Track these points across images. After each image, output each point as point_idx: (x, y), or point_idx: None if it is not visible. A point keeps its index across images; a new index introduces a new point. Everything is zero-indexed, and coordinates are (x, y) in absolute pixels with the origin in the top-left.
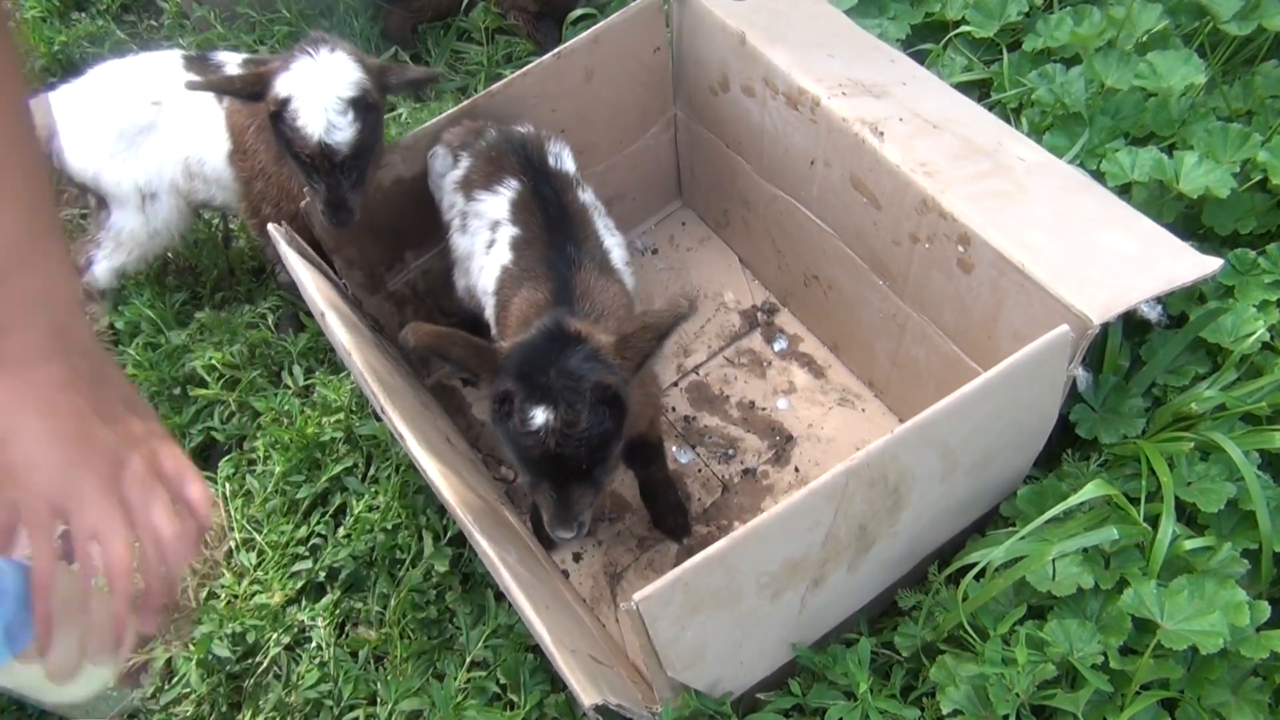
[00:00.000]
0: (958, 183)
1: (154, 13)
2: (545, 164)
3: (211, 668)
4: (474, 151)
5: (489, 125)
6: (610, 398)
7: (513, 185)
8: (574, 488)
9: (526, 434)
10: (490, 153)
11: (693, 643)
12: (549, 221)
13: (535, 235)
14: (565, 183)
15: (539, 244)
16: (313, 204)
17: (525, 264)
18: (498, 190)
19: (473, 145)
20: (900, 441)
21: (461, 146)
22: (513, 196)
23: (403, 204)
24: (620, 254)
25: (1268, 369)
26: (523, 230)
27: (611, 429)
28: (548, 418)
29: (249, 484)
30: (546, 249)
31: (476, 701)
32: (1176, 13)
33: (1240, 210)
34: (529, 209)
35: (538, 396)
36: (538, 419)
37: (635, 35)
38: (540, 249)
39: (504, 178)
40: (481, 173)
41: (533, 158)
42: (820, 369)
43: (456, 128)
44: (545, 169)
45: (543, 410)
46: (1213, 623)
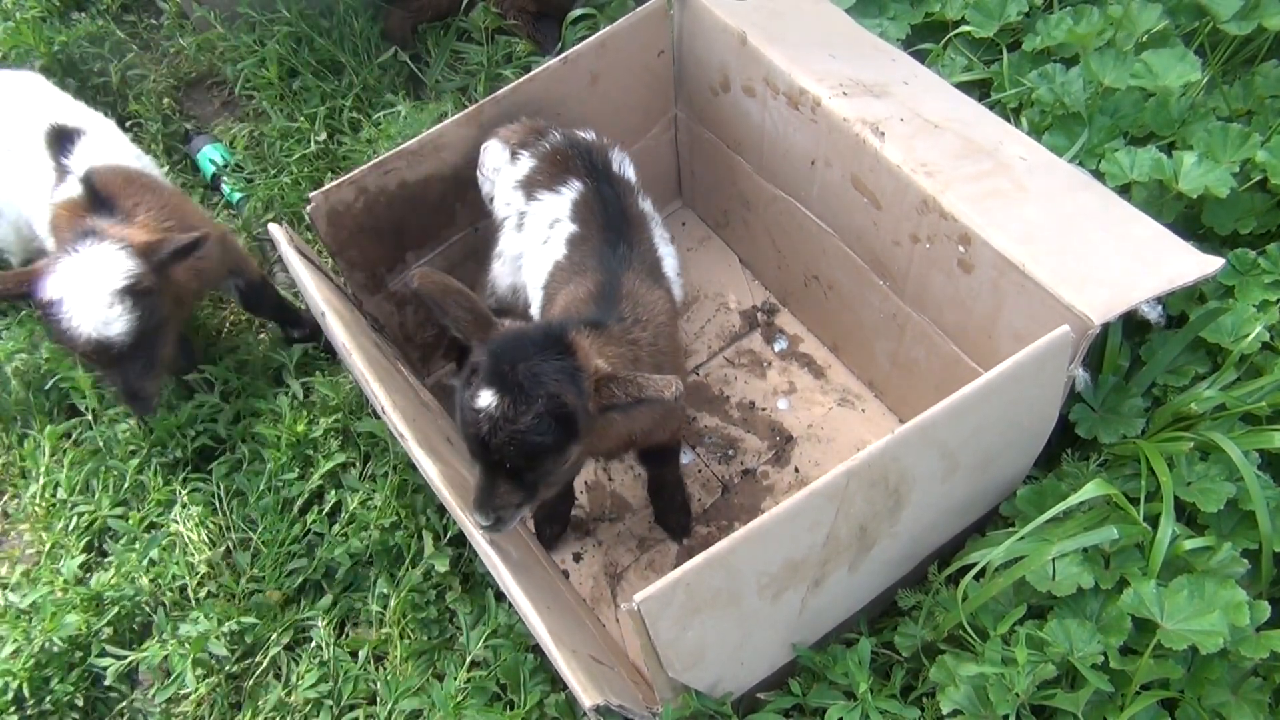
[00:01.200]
0: (958, 183)
1: (154, 13)
2: (609, 168)
3: (210, 667)
4: (537, 152)
5: (551, 127)
6: (561, 415)
7: (576, 186)
8: (500, 480)
9: (469, 409)
10: (555, 155)
11: (693, 643)
12: (608, 222)
13: (592, 233)
14: (627, 188)
15: (594, 241)
16: None
17: (578, 259)
18: (560, 190)
19: (535, 145)
20: (901, 442)
21: (522, 145)
22: (575, 197)
23: (405, 206)
24: (673, 264)
25: (1268, 369)
26: (581, 228)
27: (551, 444)
28: (491, 403)
29: (239, 483)
30: (601, 245)
31: (476, 701)
32: (1176, 13)
33: (1240, 210)
34: (590, 209)
35: (494, 381)
36: (482, 400)
37: (641, 39)
38: (595, 245)
39: (568, 178)
40: (545, 173)
41: (597, 162)
42: (820, 369)
43: (515, 125)
44: (609, 173)
45: (491, 394)
46: (1213, 623)
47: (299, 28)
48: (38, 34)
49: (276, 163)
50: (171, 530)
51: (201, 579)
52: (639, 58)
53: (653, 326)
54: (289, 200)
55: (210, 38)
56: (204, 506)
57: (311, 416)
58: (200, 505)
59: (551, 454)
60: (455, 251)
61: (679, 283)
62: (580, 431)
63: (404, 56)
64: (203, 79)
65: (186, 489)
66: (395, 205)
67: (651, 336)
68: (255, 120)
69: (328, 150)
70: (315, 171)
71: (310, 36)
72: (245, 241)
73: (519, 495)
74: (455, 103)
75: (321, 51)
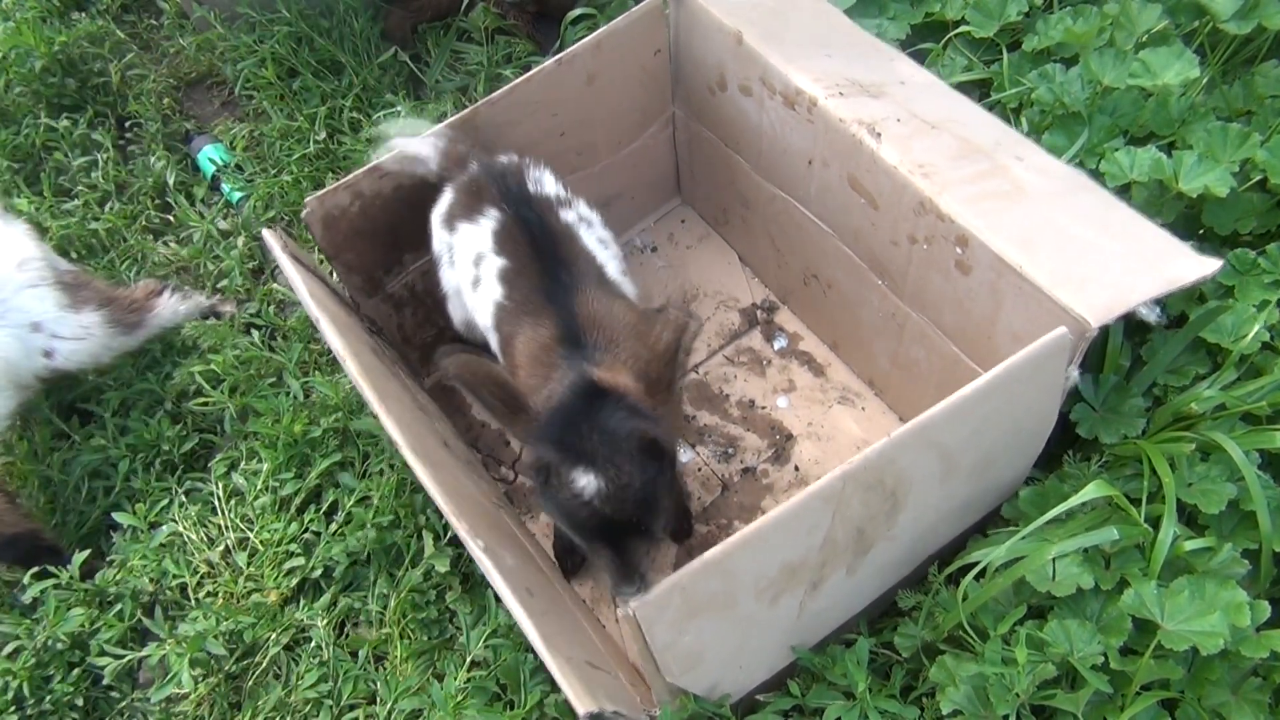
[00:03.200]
0: (955, 184)
1: (154, 13)
2: (525, 190)
3: (210, 667)
4: (456, 185)
5: (472, 155)
6: (653, 448)
7: (494, 215)
8: (633, 544)
9: (576, 502)
10: (471, 185)
11: (691, 647)
12: (536, 248)
13: (524, 264)
14: (547, 206)
15: (530, 273)
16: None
17: (520, 296)
18: (479, 220)
19: (455, 178)
20: (898, 445)
21: (443, 178)
22: (495, 227)
23: (401, 208)
24: (616, 264)
25: (1268, 369)
26: (510, 260)
27: (660, 479)
28: (596, 483)
29: (237, 482)
30: (540, 278)
31: (476, 701)
32: (1176, 12)
33: (1240, 210)
34: (513, 238)
35: (582, 462)
36: (586, 486)
37: (637, 39)
38: (533, 278)
39: (485, 207)
40: (462, 205)
41: (511, 185)
42: (820, 367)
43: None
44: (525, 195)
45: (589, 476)
46: (1213, 623)
47: (299, 28)
48: (38, 34)
49: (276, 163)
50: (171, 529)
51: (201, 579)
52: (635, 57)
53: (623, 342)
54: (289, 200)
55: (210, 38)
56: (202, 505)
57: (311, 416)
58: (199, 505)
59: (665, 487)
60: None
61: (627, 280)
62: (669, 448)
63: (404, 56)
64: (203, 79)
65: (184, 488)
66: (391, 208)
67: (629, 351)
68: (255, 120)
69: (328, 150)
70: (315, 171)
71: (310, 36)
72: (245, 242)
73: (647, 545)
74: (455, 103)
75: (321, 51)
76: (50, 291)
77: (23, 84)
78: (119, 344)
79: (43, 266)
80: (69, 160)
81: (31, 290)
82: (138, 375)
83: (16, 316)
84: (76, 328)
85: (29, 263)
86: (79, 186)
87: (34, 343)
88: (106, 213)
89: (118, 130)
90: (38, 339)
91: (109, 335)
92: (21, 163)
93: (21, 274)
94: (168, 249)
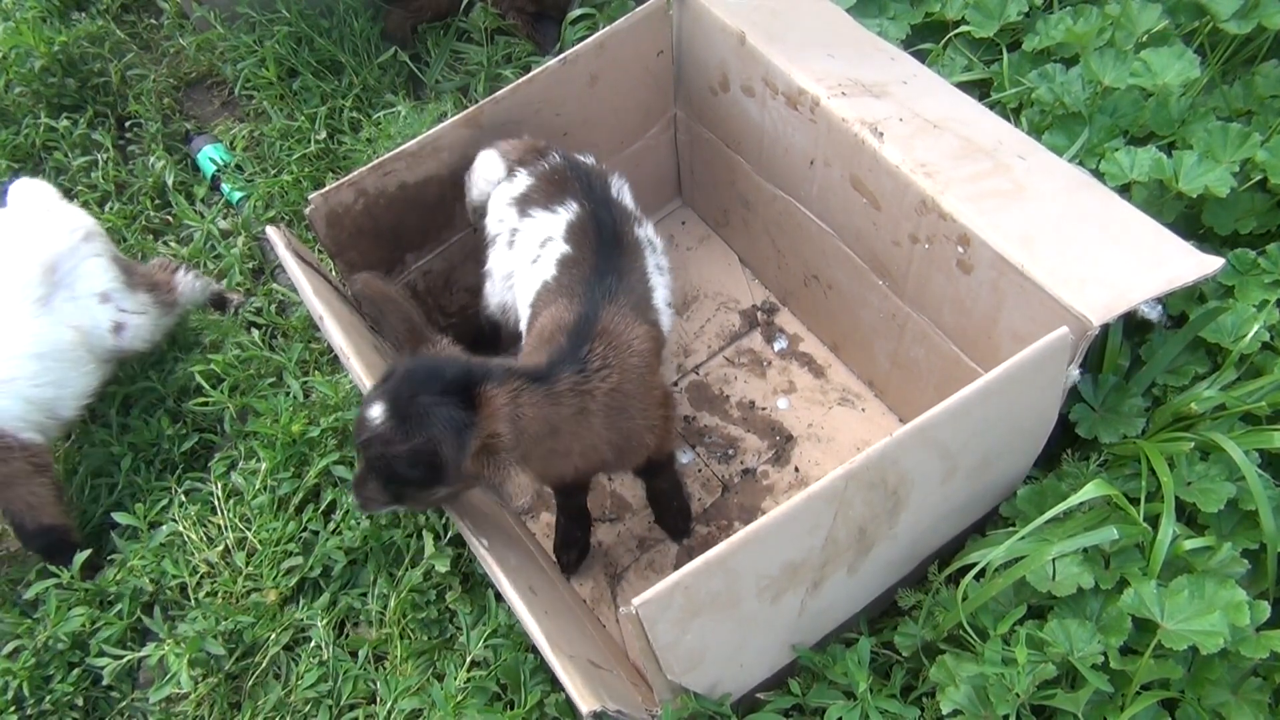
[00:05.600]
0: (957, 183)
1: (154, 13)
2: (608, 193)
3: (209, 667)
4: (535, 171)
5: (552, 148)
6: (431, 461)
7: (573, 207)
8: (373, 477)
9: (362, 412)
10: (553, 174)
11: (692, 646)
12: (601, 248)
13: (584, 257)
14: (624, 215)
15: (585, 266)
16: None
17: (566, 281)
18: (556, 210)
19: (533, 164)
20: (899, 445)
21: (520, 162)
22: (571, 218)
23: (404, 208)
24: (664, 294)
25: (1267, 369)
26: (574, 250)
27: (414, 479)
28: (377, 417)
29: (236, 482)
30: (590, 272)
31: (476, 701)
32: (1176, 12)
33: (1240, 210)
34: (585, 232)
35: (389, 399)
36: (371, 411)
37: (640, 40)
38: (584, 271)
39: (565, 199)
40: (542, 191)
41: (595, 185)
42: (820, 368)
43: (516, 141)
44: (608, 198)
45: (381, 410)
46: (1213, 623)
47: (299, 28)
48: (38, 34)
49: (277, 162)
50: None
51: (201, 578)
52: (638, 58)
53: (621, 371)
54: (289, 199)
55: (210, 38)
56: (202, 505)
57: (310, 416)
58: (198, 504)
59: (414, 486)
60: (454, 252)
61: (669, 313)
62: (447, 479)
63: (404, 56)
64: (203, 79)
65: (183, 487)
66: (394, 207)
67: (616, 382)
68: (255, 120)
69: (328, 150)
70: (315, 171)
71: (310, 36)
72: (245, 242)
73: (387, 496)
74: (455, 103)
75: (321, 51)
76: (113, 266)
77: (23, 84)
78: (165, 323)
79: (105, 240)
80: (69, 160)
81: (98, 260)
82: (139, 372)
83: (86, 285)
84: (137, 303)
85: (93, 235)
86: (79, 186)
87: (104, 314)
88: (106, 213)
89: (118, 130)
90: (107, 310)
91: (159, 313)
92: (21, 163)
93: (88, 245)
94: (168, 249)
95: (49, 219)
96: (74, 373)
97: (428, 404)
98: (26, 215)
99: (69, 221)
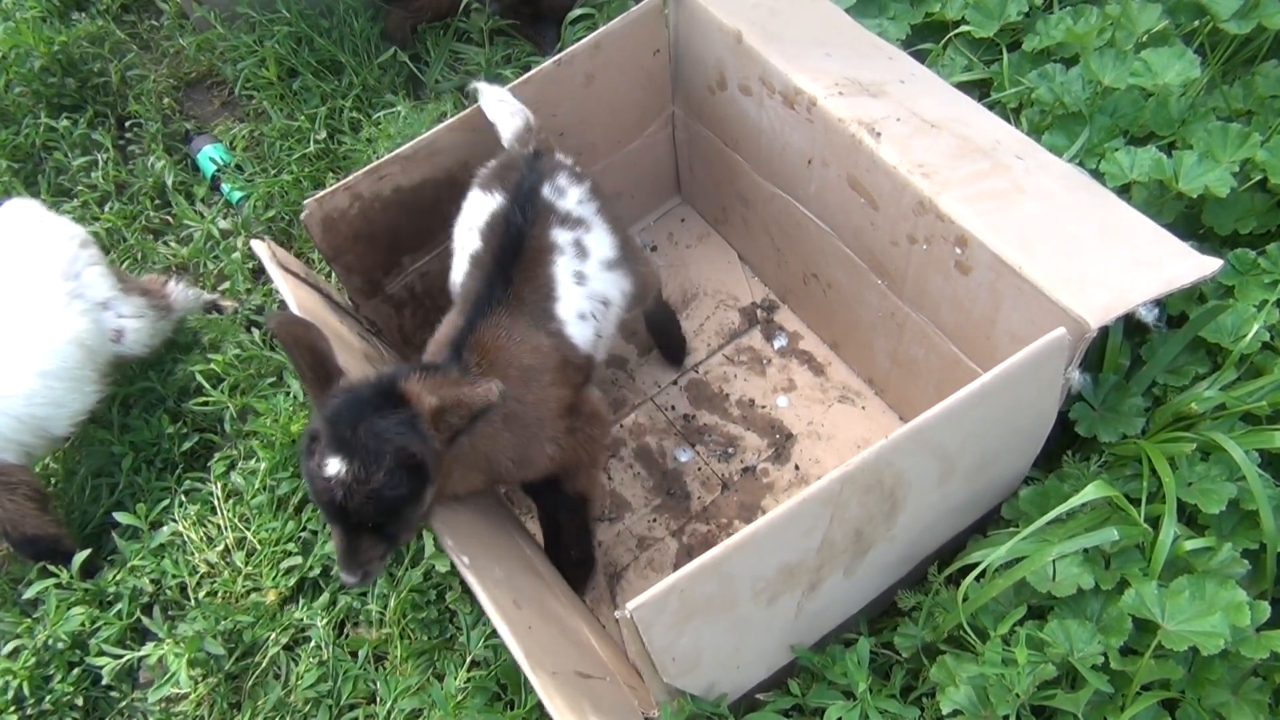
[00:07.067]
0: (955, 184)
1: (154, 13)
2: (537, 191)
3: (209, 667)
4: (502, 156)
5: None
6: (411, 464)
7: (498, 199)
8: (362, 539)
9: (319, 479)
10: (508, 161)
11: (688, 648)
12: (502, 252)
13: (485, 259)
14: (544, 215)
15: (482, 270)
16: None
17: (467, 284)
18: (489, 194)
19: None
20: (896, 447)
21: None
22: (493, 208)
23: (400, 211)
24: (577, 305)
25: (1267, 369)
26: (482, 248)
27: (408, 495)
28: (340, 470)
29: (236, 482)
30: (481, 282)
31: (476, 701)
32: (1176, 12)
33: (1240, 210)
34: (495, 230)
35: (338, 447)
36: (330, 469)
37: (636, 39)
38: (480, 276)
39: (498, 187)
40: (492, 174)
41: (529, 180)
42: (820, 366)
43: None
44: (533, 195)
45: (338, 461)
46: (1213, 623)
47: (299, 28)
48: (38, 34)
49: (276, 162)
50: (171, 529)
51: (200, 578)
52: (634, 58)
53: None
54: (289, 200)
55: (210, 38)
56: (201, 505)
57: (303, 416)
58: (198, 504)
59: (409, 503)
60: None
61: (585, 325)
62: (432, 474)
63: (404, 56)
64: (203, 79)
65: (183, 487)
66: (390, 210)
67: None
68: (255, 120)
69: (328, 150)
70: (315, 171)
71: (310, 36)
72: (245, 242)
73: (381, 548)
74: (454, 103)
75: (321, 51)
76: (108, 271)
77: (23, 84)
78: (162, 327)
79: (97, 248)
80: (69, 160)
81: (96, 268)
82: (139, 372)
83: (91, 294)
84: (134, 307)
85: (88, 243)
86: (79, 186)
87: (106, 323)
88: (106, 213)
89: (118, 130)
90: (108, 318)
91: (156, 316)
92: (21, 163)
93: (85, 251)
94: (168, 248)
95: (47, 231)
96: (73, 394)
97: (371, 424)
98: (25, 230)
99: (65, 231)
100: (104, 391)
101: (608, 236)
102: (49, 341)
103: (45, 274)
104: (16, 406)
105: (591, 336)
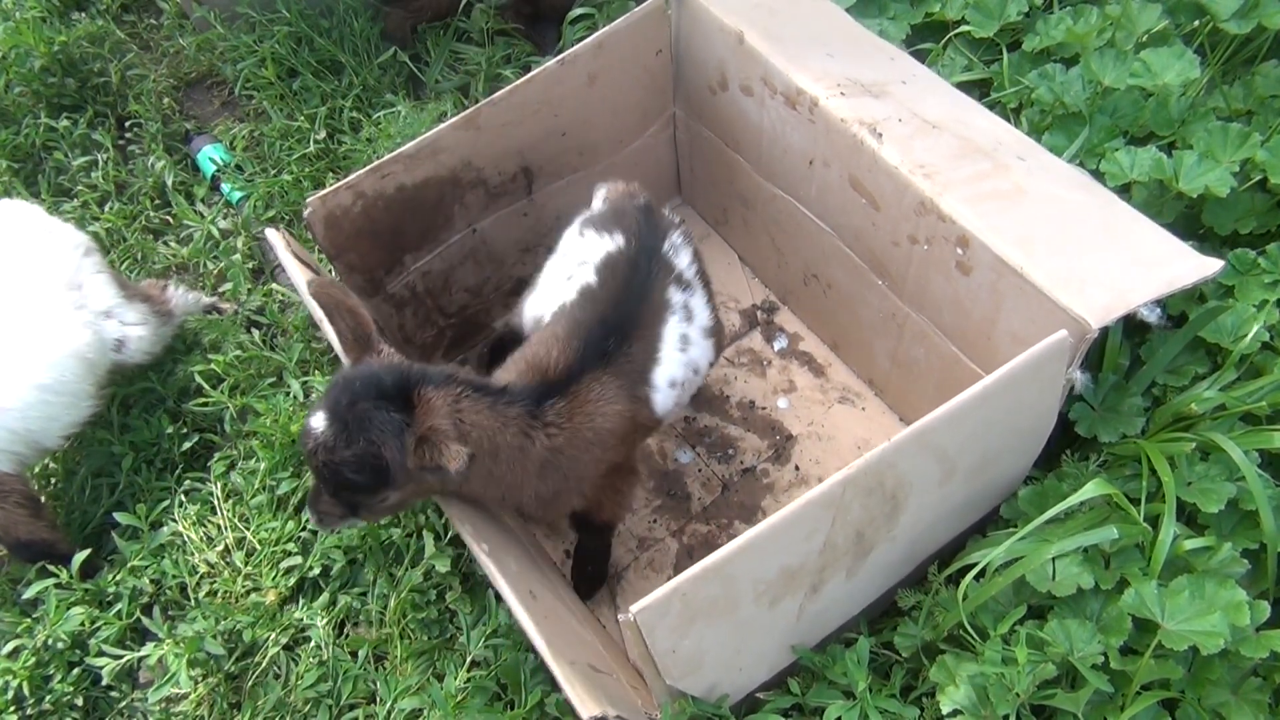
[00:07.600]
0: (956, 184)
1: (154, 13)
2: (660, 244)
3: (209, 667)
4: (611, 201)
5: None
6: (375, 464)
7: (618, 239)
8: (324, 495)
9: (306, 424)
10: (620, 204)
11: (690, 651)
12: (622, 295)
13: (602, 297)
14: (665, 270)
15: (598, 308)
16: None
17: (577, 315)
18: (604, 235)
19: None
20: (897, 449)
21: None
22: (611, 249)
23: (403, 209)
24: (670, 372)
25: (1267, 369)
26: (598, 284)
27: (362, 485)
28: (319, 427)
29: (235, 481)
30: (595, 324)
31: (476, 701)
32: (1176, 12)
33: (1240, 210)
34: (614, 271)
35: (330, 408)
36: (314, 421)
37: (638, 40)
38: (593, 315)
39: (616, 229)
40: (604, 216)
41: (650, 230)
42: (820, 368)
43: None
44: (657, 247)
45: (323, 419)
46: (1213, 623)
47: (299, 28)
48: (38, 34)
49: (277, 162)
50: (171, 530)
51: (200, 578)
52: (636, 58)
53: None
54: (289, 200)
55: (210, 38)
56: (201, 505)
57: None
58: (198, 504)
59: (365, 493)
60: (453, 253)
61: (670, 394)
62: (394, 481)
63: (404, 56)
64: (203, 79)
65: (183, 487)
66: (393, 209)
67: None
68: (255, 120)
69: (328, 150)
70: (315, 171)
71: (310, 36)
72: (245, 242)
73: (341, 509)
74: (455, 103)
75: (321, 51)
76: (111, 278)
77: (23, 84)
78: (163, 333)
79: (100, 255)
80: (69, 160)
81: (99, 276)
82: (139, 373)
83: (94, 303)
84: (137, 314)
85: (91, 250)
86: (79, 186)
87: (108, 332)
88: (106, 213)
89: (118, 130)
90: (111, 327)
91: (158, 323)
92: (21, 163)
93: (88, 259)
94: (168, 249)
95: (51, 239)
96: (69, 409)
97: (366, 409)
98: (28, 237)
99: (69, 238)
100: (99, 405)
101: (707, 303)
102: (49, 354)
103: (49, 284)
104: (11, 419)
105: (672, 405)
